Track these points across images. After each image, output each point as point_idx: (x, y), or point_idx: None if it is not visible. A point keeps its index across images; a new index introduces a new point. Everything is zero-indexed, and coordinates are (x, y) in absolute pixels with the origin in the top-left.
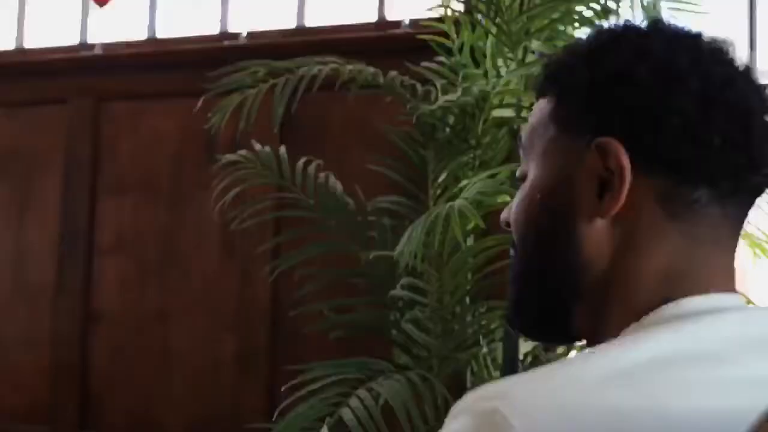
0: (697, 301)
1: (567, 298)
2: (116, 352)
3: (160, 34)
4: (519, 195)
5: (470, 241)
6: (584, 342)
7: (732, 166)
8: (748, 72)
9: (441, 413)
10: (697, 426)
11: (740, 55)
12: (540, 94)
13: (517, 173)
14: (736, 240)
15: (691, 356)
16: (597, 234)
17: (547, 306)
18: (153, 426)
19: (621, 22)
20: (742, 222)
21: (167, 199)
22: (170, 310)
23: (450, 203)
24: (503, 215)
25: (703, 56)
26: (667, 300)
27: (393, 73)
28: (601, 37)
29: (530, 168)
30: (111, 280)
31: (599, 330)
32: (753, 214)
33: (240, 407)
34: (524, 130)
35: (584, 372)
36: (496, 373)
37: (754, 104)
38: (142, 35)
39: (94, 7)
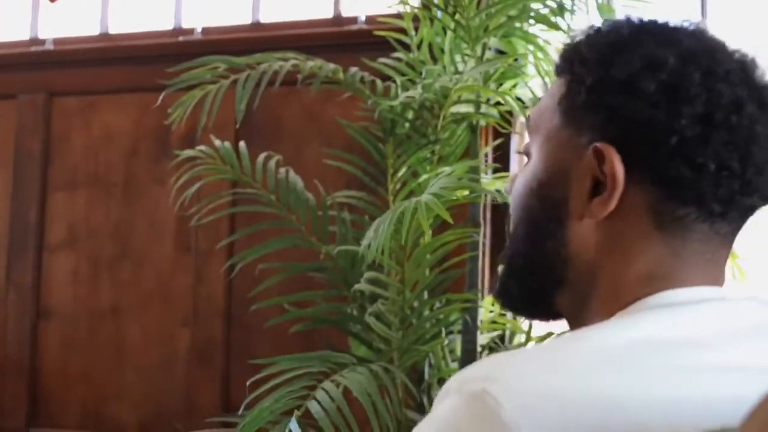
0: (679, 292)
1: (549, 285)
2: (68, 349)
3: (113, 30)
4: (521, 174)
5: (427, 236)
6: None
7: (724, 190)
8: (762, 94)
9: (403, 403)
10: (678, 411)
11: (763, 73)
12: (556, 73)
13: (521, 148)
14: (726, 253)
15: (670, 341)
16: (584, 233)
17: (529, 288)
18: (106, 422)
19: (646, 18)
20: (734, 237)
21: (120, 195)
22: (123, 306)
23: (417, 198)
24: (506, 186)
25: (716, 76)
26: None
27: (354, 69)
28: (621, 33)
29: (533, 150)
30: (62, 275)
31: (582, 315)
32: None
33: (195, 402)
34: (535, 108)
35: (570, 355)
36: (454, 365)
37: (759, 130)
38: (94, 30)
39: (44, 3)
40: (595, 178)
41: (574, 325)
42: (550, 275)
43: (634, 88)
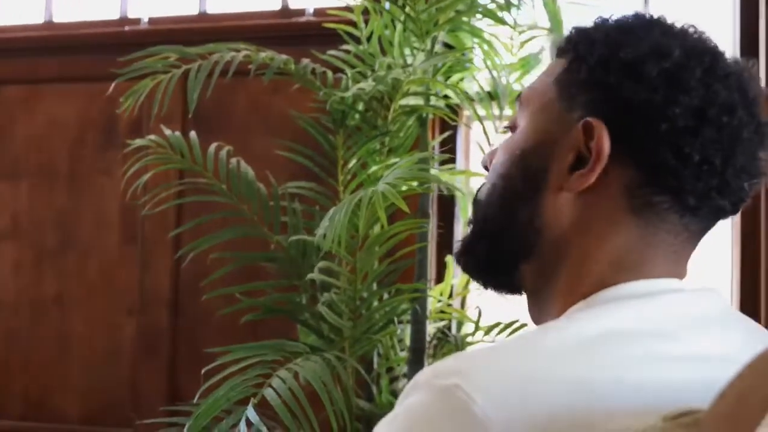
0: (642, 284)
1: (515, 254)
2: (11, 339)
3: (57, 18)
4: (505, 144)
5: (381, 226)
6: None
7: (702, 186)
8: (753, 104)
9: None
10: (640, 395)
11: (756, 85)
12: (557, 54)
13: (508, 122)
14: (691, 251)
15: (633, 332)
16: (559, 204)
17: (494, 256)
18: (50, 413)
19: (655, 14)
20: (701, 237)
21: (65, 184)
22: (68, 296)
23: (373, 188)
24: (484, 158)
25: (715, 76)
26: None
27: (305, 60)
28: (633, 21)
29: (521, 121)
30: (5, 266)
31: (543, 292)
32: None
33: (140, 392)
34: (529, 85)
35: (541, 345)
36: (403, 354)
37: (745, 136)
38: (38, 19)
39: None
40: (579, 152)
41: (533, 300)
42: (520, 243)
43: (638, 70)
